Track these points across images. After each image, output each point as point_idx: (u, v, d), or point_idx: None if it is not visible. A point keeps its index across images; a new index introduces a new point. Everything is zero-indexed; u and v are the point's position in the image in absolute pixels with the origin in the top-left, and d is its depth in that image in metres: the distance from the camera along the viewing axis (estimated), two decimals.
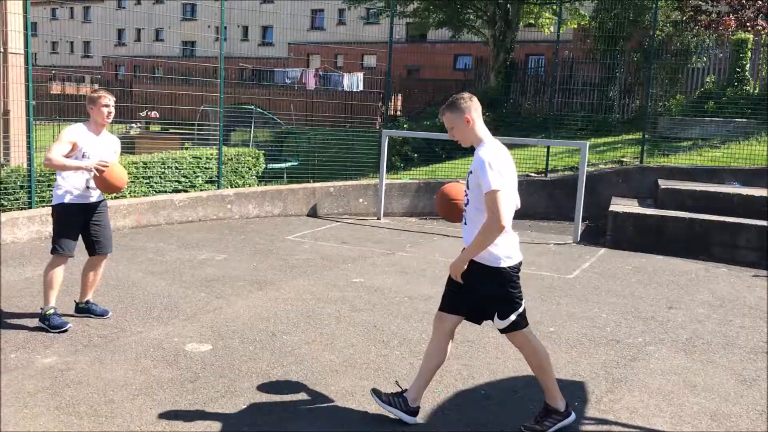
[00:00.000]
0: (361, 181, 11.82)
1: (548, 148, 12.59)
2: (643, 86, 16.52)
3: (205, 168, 10.98)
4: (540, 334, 5.68)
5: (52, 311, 5.40)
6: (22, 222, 8.40)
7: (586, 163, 9.97)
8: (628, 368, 5.04)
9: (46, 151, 5.31)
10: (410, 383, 4.21)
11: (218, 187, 10.87)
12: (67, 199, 5.40)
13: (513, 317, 3.86)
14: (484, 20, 24.20)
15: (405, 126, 18.78)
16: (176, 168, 10.57)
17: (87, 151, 5.35)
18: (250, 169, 12.09)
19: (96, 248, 5.60)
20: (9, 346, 5.04)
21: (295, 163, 14.77)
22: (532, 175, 12.49)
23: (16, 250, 7.96)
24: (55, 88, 29.27)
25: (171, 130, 19.31)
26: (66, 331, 5.35)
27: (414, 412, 4.06)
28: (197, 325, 5.62)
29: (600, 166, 12.82)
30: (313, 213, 11.03)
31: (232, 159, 11.62)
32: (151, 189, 10.25)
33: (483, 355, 5.21)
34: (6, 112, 13.75)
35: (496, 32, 22.45)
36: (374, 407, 4.19)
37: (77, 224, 5.47)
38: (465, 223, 3.93)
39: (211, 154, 11.20)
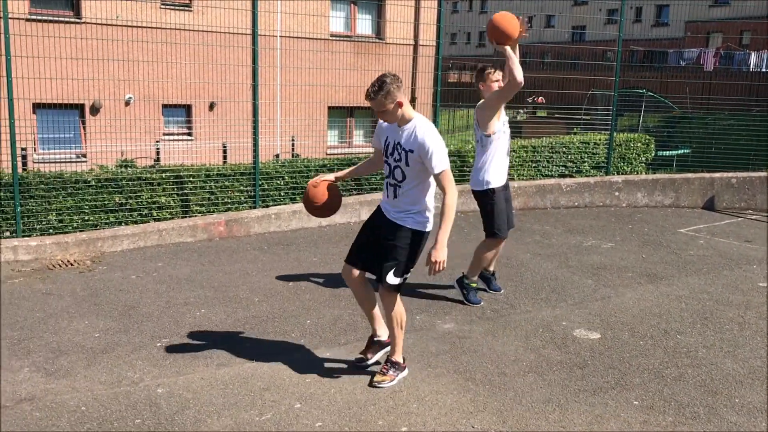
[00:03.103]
0: None
1: None
2: None
3: (593, 153, 10.81)
4: None
5: (475, 284, 5.72)
6: None
7: None
8: None
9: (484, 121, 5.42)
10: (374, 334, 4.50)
11: (606, 173, 10.62)
12: (494, 184, 5.53)
13: (405, 277, 4.23)
14: None
15: None
16: (564, 153, 10.61)
17: (502, 128, 5.53)
18: (638, 155, 11.57)
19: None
20: (414, 308, 5.60)
21: (687, 151, 13.71)
22: None
23: None
24: (452, 77, 31.73)
25: (556, 115, 19.47)
26: (480, 305, 5.65)
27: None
28: (585, 312, 5.57)
29: None
30: (709, 206, 10.11)
31: (621, 145, 11.24)
32: (538, 173, 10.47)
33: None
34: (413, 99, 15.29)
35: None
36: None
37: (504, 205, 5.61)
38: (395, 197, 4.16)
39: (600, 140, 10.97)
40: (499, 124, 5.50)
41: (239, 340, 4.95)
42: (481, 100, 5.55)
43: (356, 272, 4.32)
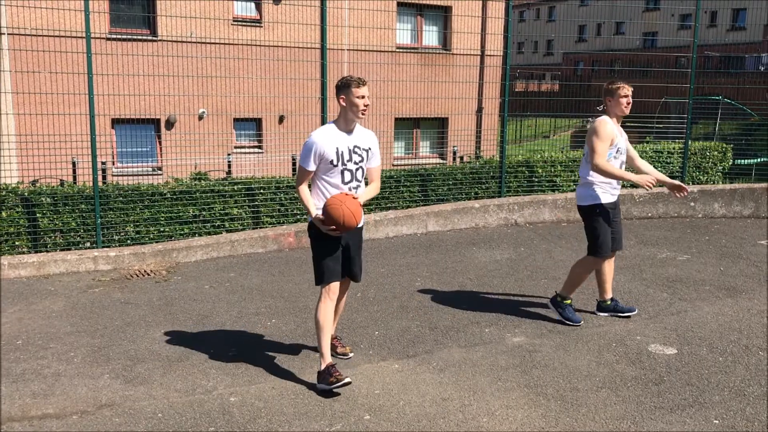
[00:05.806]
0: None
1: None
2: None
3: (666, 163, 10.53)
4: None
5: (570, 301, 5.52)
6: (492, 209, 9.21)
7: None
8: None
9: (594, 156, 5.12)
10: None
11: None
12: (603, 200, 5.27)
13: None
14: None
15: None
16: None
17: (621, 146, 5.26)
18: (715, 164, 11.21)
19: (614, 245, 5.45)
20: (483, 321, 5.56)
21: (767, 159, 13.20)
22: None
23: (486, 234, 8.76)
24: (519, 86, 31.52)
25: (627, 124, 19.05)
26: (579, 325, 5.40)
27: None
28: (660, 326, 5.40)
29: None
30: None
31: (696, 154, 10.92)
32: None
33: None
34: (480, 109, 15.22)
35: None
36: None
37: (610, 223, 5.34)
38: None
39: (674, 148, 10.67)
40: (612, 150, 5.21)
41: (309, 351, 5.00)
42: (598, 119, 5.26)
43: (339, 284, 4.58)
